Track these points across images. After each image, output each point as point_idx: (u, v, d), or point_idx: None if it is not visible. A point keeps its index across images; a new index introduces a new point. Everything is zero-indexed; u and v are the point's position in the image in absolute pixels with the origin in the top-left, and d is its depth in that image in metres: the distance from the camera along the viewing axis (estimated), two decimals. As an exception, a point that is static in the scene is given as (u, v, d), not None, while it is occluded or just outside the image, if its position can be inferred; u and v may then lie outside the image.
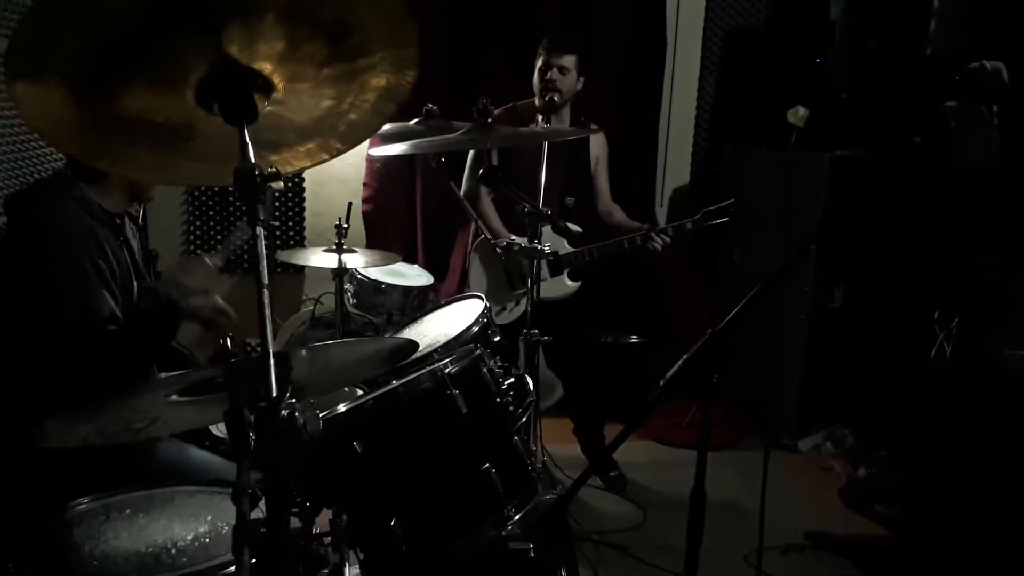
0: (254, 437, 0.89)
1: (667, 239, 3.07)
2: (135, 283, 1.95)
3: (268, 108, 1.16)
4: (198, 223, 3.93)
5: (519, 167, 2.27)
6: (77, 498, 1.57)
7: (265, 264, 0.98)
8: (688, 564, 1.43)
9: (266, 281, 0.97)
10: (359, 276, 3.51)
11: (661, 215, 4.14)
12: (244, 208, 1.00)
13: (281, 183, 1.10)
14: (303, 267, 3.93)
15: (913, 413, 3.26)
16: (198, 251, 3.96)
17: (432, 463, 1.55)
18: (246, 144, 1.05)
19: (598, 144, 3.35)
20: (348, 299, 3.47)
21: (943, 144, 3.36)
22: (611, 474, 3.40)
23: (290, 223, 4.00)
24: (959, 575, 2.75)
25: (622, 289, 3.81)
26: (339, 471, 1.50)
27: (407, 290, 3.67)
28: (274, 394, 0.88)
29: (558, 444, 3.35)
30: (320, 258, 2.63)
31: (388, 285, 3.61)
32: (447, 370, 1.57)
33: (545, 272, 3.13)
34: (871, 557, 2.90)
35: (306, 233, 4.04)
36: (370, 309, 3.69)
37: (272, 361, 0.90)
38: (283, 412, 0.87)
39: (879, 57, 3.64)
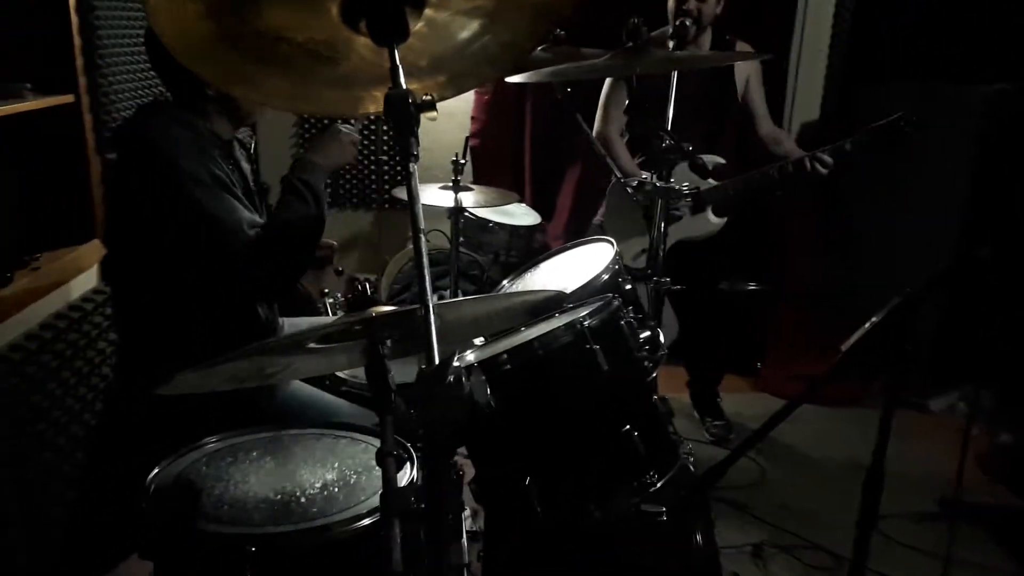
0: (416, 402, 0.79)
1: (826, 165, 2.74)
2: (257, 208, 1.88)
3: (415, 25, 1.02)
4: (307, 156, 3.88)
5: (651, 100, 2.06)
6: (205, 437, 1.55)
7: (420, 207, 0.86)
8: (858, 549, 1.27)
9: (422, 225, 0.85)
10: (466, 214, 3.41)
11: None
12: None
13: (436, 113, 0.96)
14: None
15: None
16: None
17: (570, 422, 1.44)
18: (397, 67, 0.92)
19: (746, 63, 3.01)
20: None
21: None
22: (716, 423, 3.26)
23: (399, 158, 3.92)
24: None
25: (734, 233, 3.58)
26: (471, 423, 1.41)
27: (514, 229, 3.56)
28: (436, 357, 0.77)
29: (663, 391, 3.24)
30: (434, 195, 2.53)
31: (495, 224, 3.51)
32: (586, 323, 1.44)
33: (686, 210, 2.93)
34: (1014, 530, 2.68)
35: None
36: (476, 248, 3.62)
37: (432, 320, 0.79)
38: (450, 377, 0.76)
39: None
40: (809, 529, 2.58)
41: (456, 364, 0.77)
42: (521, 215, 3.63)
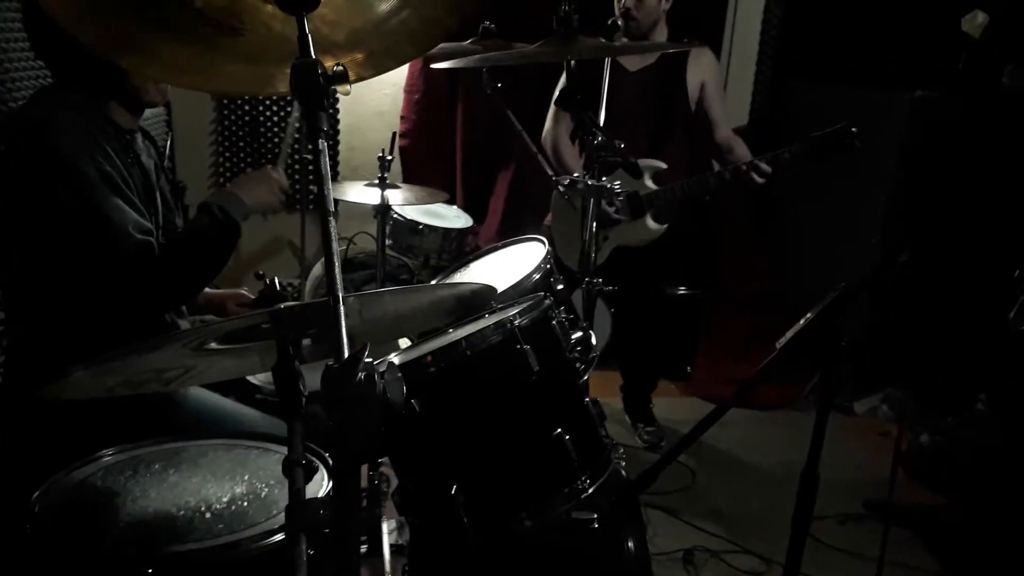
0: (323, 404, 0.71)
1: (764, 173, 2.74)
2: (154, 208, 1.75)
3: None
4: (227, 154, 3.73)
5: (587, 93, 2.02)
6: (101, 449, 1.42)
7: (330, 187, 0.78)
8: (793, 548, 1.24)
9: (332, 208, 0.77)
10: (395, 216, 3.32)
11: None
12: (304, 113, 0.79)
13: (349, 87, 0.88)
14: (336, 203, 3.75)
15: (988, 378, 3.05)
16: (227, 184, 3.78)
17: (499, 426, 1.37)
18: (306, 36, 0.84)
19: (701, 68, 2.98)
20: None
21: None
22: (648, 429, 3.24)
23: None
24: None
25: (675, 239, 3.58)
26: (393, 430, 1.33)
27: (445, 232, 3.48)
28: (346, 351, 0.69)
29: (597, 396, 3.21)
30: (360, 193, 2.42)
31: (425, 226, 3.42)
32: (517, 322, 1.37)
33: (625, 215, 2.89)
34: (935, 529, 2.73)
35: (340, 168, 3.83)
36: (405, 251, 3.52)
37: (342, 310, 0.70)
38: (360, 375, 0.68)
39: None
40: (740, 533, 2.57)
41: (367, 360, 0.69)
42: (452, 217, 3.55)
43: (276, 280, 1.02)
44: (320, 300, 0.89)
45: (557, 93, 1.79)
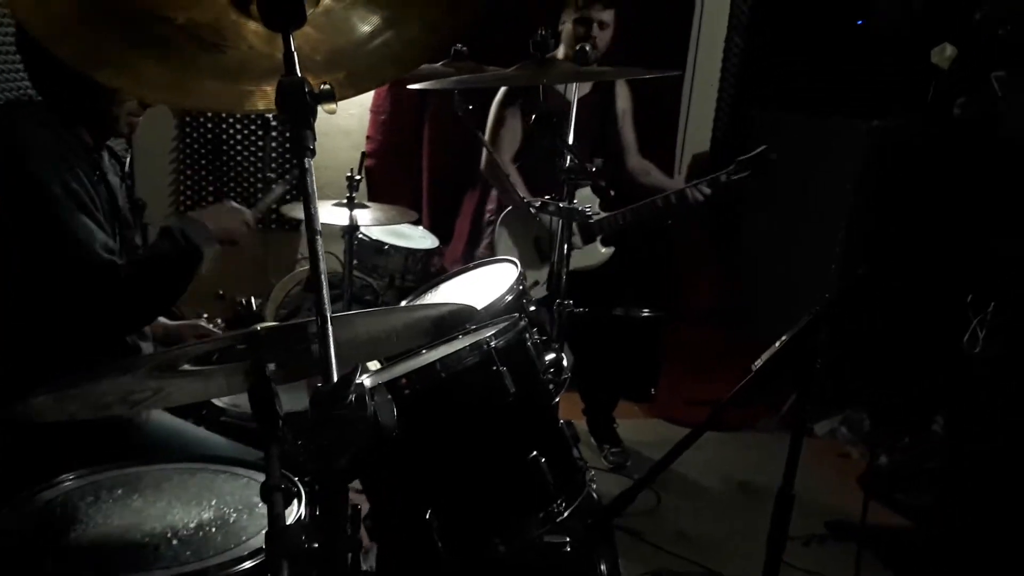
0: (312, 424, 0.69)
1: (705, 194, 2.88)
2: (117, 227, 1.71)
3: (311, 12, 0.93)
4: (188, 172, 3.67)
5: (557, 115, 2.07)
6: (61, 474, 1.37)
7: (317, 206, 0.77)
8: (769, 569, 1.24)
9: (319, 228, 0.75)
10: (360, 235, 3.29)
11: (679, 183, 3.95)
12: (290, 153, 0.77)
13: (335, 105, 0.87)
14: (299, 223, 3.71)
15: (944, 400, 3.12)
16: (188, 202, 3.72)
17: (475, 449, 1.35)
18: (292, 54, 0.83)
19: (623, 96, 3.15)
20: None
21: (988, 115, 3.19)
22: (613, 450, 3.25)
23: (287, 176, 3.76)
24: (988, 569, 2.63)
25: (628, 260, 3.63)
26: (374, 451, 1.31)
27: (410, 253, 3.46)
28: (335, 374, 0.67)
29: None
30: (327, 212, 2.41)
31: (391, 246, 3.41)
32: (493, 343, 1.37)
33: (577, 240, 2.93)
34: (895, 549, 2.77)
35: (304, 187, 3.80)
36: (370, 271, 3.49)
37: (330, 331, 0.69)
38: (351, 397, 0.67)
39: (924, 20, 3.44)
40: (706, 555, 2.57)
41: (358, 382, 0.68)
42: (418, 238, 3.54)
43: (252, 300, 1.00)
44: (301, 321, 0.88)
45: (534, 116, 1.81)
